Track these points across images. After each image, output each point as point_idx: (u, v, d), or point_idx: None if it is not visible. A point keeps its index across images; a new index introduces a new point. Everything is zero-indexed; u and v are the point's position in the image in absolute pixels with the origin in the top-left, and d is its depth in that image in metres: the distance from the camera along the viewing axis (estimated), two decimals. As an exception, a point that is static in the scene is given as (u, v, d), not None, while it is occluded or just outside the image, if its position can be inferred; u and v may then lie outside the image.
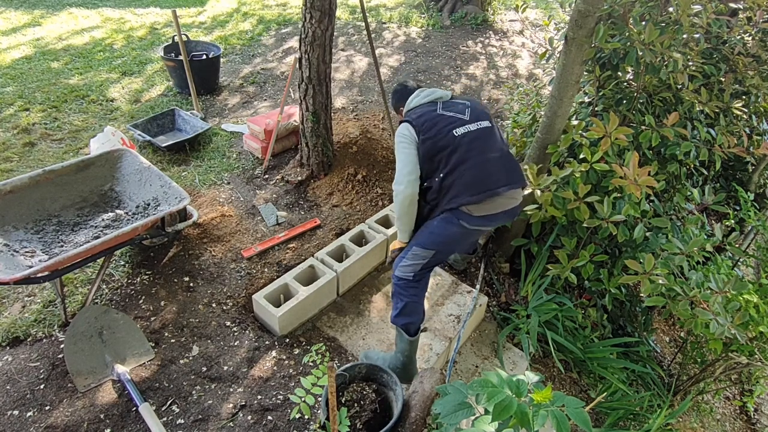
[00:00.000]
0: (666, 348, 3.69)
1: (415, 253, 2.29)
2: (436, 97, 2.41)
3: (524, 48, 6.78)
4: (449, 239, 2.27)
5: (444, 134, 2.23)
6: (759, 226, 2.93)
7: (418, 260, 2.28)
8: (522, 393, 1.30)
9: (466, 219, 2.21)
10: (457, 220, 2.21)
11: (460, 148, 2.20)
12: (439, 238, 2.26)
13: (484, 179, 2.18)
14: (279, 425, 2.23)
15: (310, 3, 3.13)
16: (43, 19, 6.29)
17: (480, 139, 2.25)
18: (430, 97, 2.41)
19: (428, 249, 2.27)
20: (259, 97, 5.00)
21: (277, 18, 7.02)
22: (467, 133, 2.24)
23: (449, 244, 2.30)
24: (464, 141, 2.22)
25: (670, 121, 2.55)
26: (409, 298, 2.31)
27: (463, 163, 2.18)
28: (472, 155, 2.20)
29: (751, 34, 2.82)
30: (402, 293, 2.32)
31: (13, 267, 2.30)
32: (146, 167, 2.91)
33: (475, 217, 2.21)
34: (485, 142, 2.26)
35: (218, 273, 2.94)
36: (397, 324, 2.35)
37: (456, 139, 2.22)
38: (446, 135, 2.23)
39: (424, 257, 2.27)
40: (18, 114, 4.28)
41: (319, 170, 3.78)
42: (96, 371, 2.32)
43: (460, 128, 2.25)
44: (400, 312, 2.32)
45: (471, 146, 2.22)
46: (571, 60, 2.55)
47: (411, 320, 2.33)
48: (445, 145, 2.21)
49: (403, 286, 2.32)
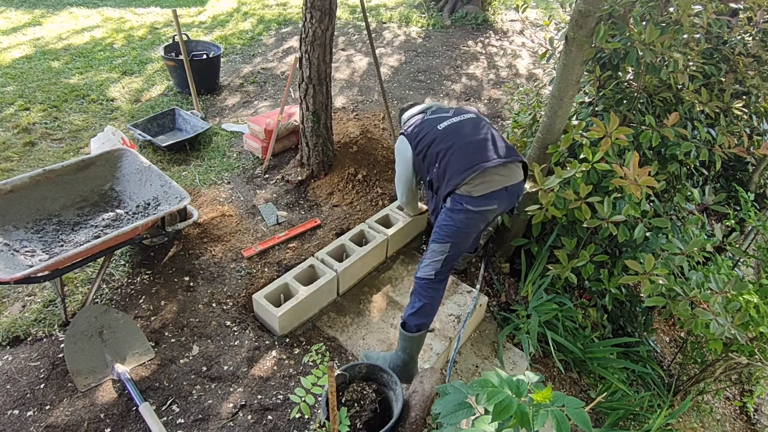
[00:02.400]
0: (666, 348, 3.69)
1: (432, 250, 2.38)
2: (426, 107, 2.74)
3: (524, 48, 6.77)
4: (460, 228, 2.33)
5: (430, 131, 2.51)
6: (759, 227, 2.93)
7: (437, 257, 2.35)
8: (522, 393, 1.30)
9: (468, 201, 2.29)
10: (461, 205, 2.30)
11: (447, 137, 2.44)
12: (450, 228, 2.33)
13: (470, 156, 2.34)
14: (279, 425, 2.23)
15: (310, 3, 3.13)
16: (43, 19, 6.29)
17: (464, 127, 2.49)
18: (419, 108, 2.75)
19: (444, 242, 2.34)
20: (260, 97, 5.00)
21: (277, 17, 7.02)
22: (450, 125, 2.50)
23: (461, 233, 2.35)
24: (448, 130, 2.47)
25: (670, 121, 2.55)
26: (427, 299, 2.34)
27: (450, 148, 2.39)
28: (456, 139, 2.42)
29: (752, 35, 2.81)
30: (422, 293, 2.35)
31: (14, 266, 2.30)
32: (146, 167, 2.91)
33: (477, 198, 2.28)
34: (469, 128, 2.48)
35: (218, 273, 2.94)
36: (409, 323, 2.35)
37: (440, 131, 2.48)
38: (432, 130, 2.50)
39: (442, 252, 2.34)
40: (18, 113, 4.29)
41: (319, 170, 3.78)
42: (96, 371, 2.32)
43: (443, 123, 2.52)
44: (416, 311, 2.34)
45: (455, 133, 2.45)
46: (571, 60, 2.55)
47: (423, 321, 2.35)
48: (432, 139, 2.47)
49: (425, 286, 2.35)
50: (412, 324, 2.34)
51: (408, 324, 2.35)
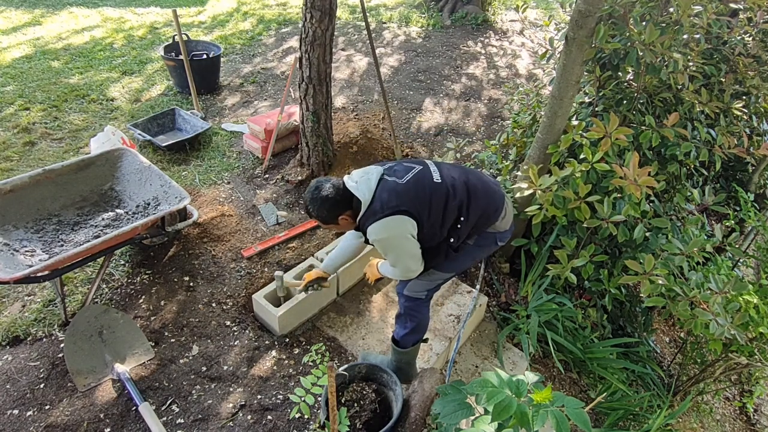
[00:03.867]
0: (666, 348, 3.69)
1: (432, 274, 2.18)
2: (375, 175, 2.02)
3: (524, 48, 6.78)
4: (476, 260, 2.32)
5: (431, 191, 1.99)
6: (759, 227, 2.93)
7: (436, 281, 2.22)
8: (522, 393, 1.30)
9: (500, 237, 2.23)
10: (494, 242, 2.23)
11: (453, 186, 2.03)
12: (469, 262, 2.27)
13: (490, 195, 2.12)
14: (279, 425, 2.23)
15: (310, 3, 3.13)
16: (43, 19, 6.29)
17: (452, 169, 2.13)
18: (368, 176, 2.02)
19: (449, 273, 2.24)
20: (260, 97, 4.99)
21: (277, 17, 7.02)
22: (442, 173, 2.06)
23: (472, 264, 2.34)
24: (448, 179, 2.04)
25: (670, 121, 2.55)
26: (420, 317, 2.26)
27: (470, 196, 2.04)
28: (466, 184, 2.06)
29: (752, 35, 2.81)
30: (414, 314, 2.24)
31: (14, 266, 2.30)
32: (146, 167, 2.91)
33: (503, 232, 2.23)
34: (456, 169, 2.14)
35: (218, 272, 2.94)
36: (407, 342, 2.31)
37: (443, 183, 2.02)
38: (435, 189, 2.00)
39: (442, 278, 2.23)
40: (18, 113, 4.28)
41: (319, 170, 3.78)
42: (96, 370, 2.32)
43: (434, 175, 2.04)
44: (410, 331, 2.27)
45: (456, 179, 2.07)
46: (571, 60, 2.55)
47: (418, 337, 2.33)
48: (442, 195, 2.00)
49: (415, 307, 2.24)
50: (408, 342, 2.31)
51: (402, 343, 2.32)
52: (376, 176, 2.00)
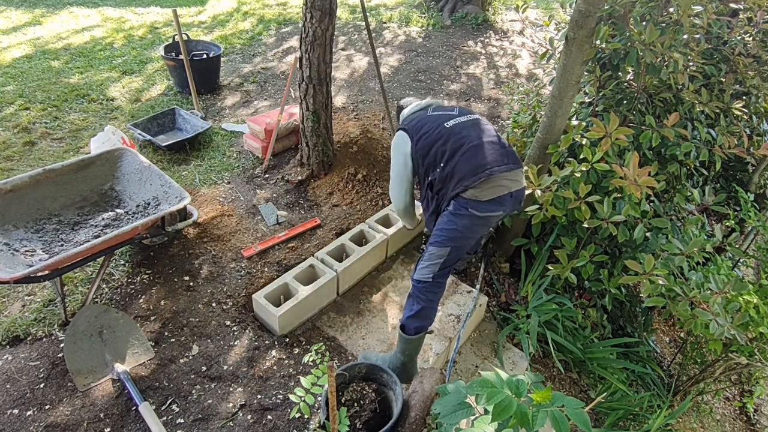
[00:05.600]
0: (666, 348, 3.69)
1: (431, 253, 2.31)
2: (426, 104, 2.65)
3: (524, 48, 6.77)
4: (462, 232, 2.29)
5: (435, 128, 2.39)
6: (759, 227, 2.93)
7: (435, 260, 2.30)
8: (522, 393, 1.30)
9: (475, 206, 2.23)
10: (466, 210, 2.24)
11: (454, 135, 2.34)
12: (452, 233, 2.28)
13: (481, 160, 2.26)
14: (279, 425, 2.24)
15: (310, 2, 3.13)
16: (43, 18, 6.29)
17: (471, 127, 2.39)
18: (420, 105, 2.66)
19: (443, 247, 2.29)
20: (260, 97, 5.00)
21: (277, 17, 7.02)
22: (458, 123, 2.40)
23: (463, 238, 2.31)
24: (456, 129, 2.37)
25: (670, 121, 2.55)
26: (426, 302, 2.30)
27: (459, 149, 2.30)
28: (466, 141, 2.31)
29: (752, 35, 2.81)
30: (420, 296, 2.31)
31: (13, 266, 2.30)
32: (146, 166, 2.91)
33: (484, 203, 2.23)
34: (477, 129, 2.39)
35: (218, 272, 2.94)
36: (408, 326, 2.33)
37: (448, 129, 2.37)
38: (438, 128, 2.39)
39: (440, 256, 2.29)
40: (18, 113, 4.28)
41: (319, 170, 3.78)
42: (96, 370, 2.32)
43: (450, 121, 2.42)
44: (414, 314, 2.31)
45: (464, 133, 2.35)
46: (571, 60, 2.55)
47: (422, 324, 2.33)
48: (438, 137, 2.36)
49: (422, 290, 2.31)
50: (411, 327, 2.32)
51: (407, 327, 2.33)
52: (423, 105, 2.66)
